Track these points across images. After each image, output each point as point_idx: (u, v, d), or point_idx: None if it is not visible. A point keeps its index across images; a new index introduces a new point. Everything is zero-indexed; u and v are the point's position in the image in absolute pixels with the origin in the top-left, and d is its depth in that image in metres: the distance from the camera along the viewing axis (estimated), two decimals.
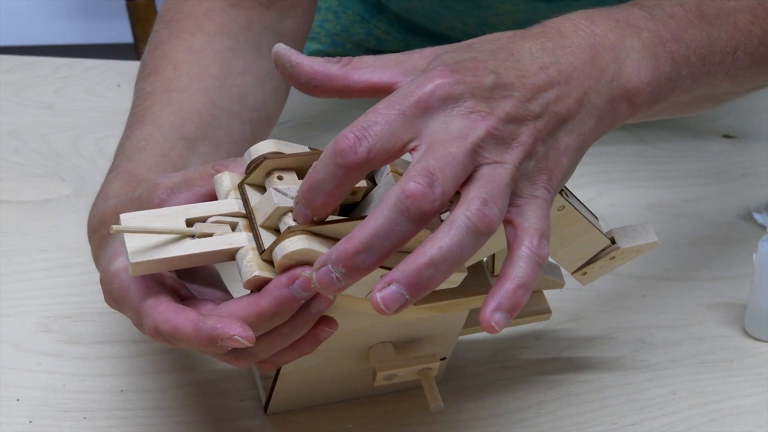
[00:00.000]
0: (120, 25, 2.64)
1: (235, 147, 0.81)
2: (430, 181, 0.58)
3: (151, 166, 0.75)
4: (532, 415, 0.76)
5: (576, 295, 0.86)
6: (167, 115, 0.79)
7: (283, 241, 0.60)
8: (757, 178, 1.00)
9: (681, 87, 0.69)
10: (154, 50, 0.85)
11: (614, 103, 0.65)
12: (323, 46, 1.16)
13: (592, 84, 0.64)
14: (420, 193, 0.57)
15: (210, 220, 0.64)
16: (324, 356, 0.70)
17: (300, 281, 0.60)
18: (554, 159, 0.62)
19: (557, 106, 0.62)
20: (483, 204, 0.58)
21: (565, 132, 0.63)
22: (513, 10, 1.02)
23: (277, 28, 0.89)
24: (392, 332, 0.71)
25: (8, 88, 1.09)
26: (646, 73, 0.66)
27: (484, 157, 0.60)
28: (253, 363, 0.65)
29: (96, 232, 0.72)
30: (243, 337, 0.60)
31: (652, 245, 0.74)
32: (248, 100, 0.84)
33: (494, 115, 0.60)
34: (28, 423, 0.74)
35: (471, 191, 0.59)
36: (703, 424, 0.76)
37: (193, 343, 0.61)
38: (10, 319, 0.82)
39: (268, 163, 0.64)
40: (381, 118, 0.59)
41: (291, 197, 0.62)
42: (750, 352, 0.82)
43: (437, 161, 0.58)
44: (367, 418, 0.75)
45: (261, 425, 0.74)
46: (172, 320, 0.62)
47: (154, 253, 0.62)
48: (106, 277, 0.66)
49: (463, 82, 0.60)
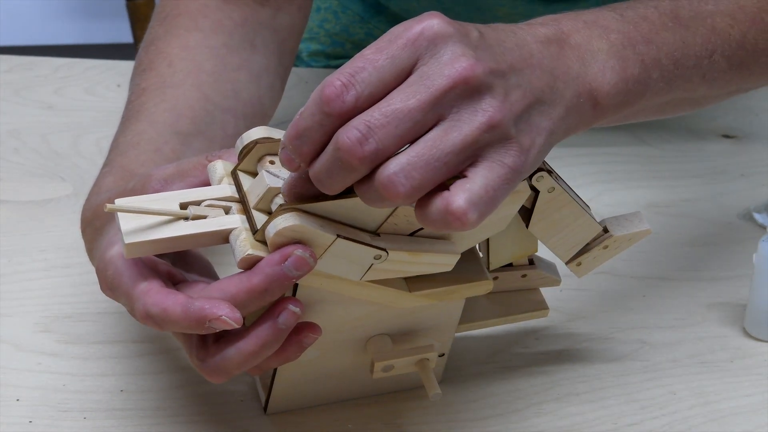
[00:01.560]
0: (120, 25, 2.64)
1: (229, 142, 0.81)
2: (363, 138, 0.56)
3: (145, 161, 0.75)
4: (532, 415, 0.76)
5: (576, 295, 0.86)
6: (161, 111, 0.80)
7: (275, 218, 0.61)
8: (757, 178, 1.00)
9: (652, 90, 0.68)
10: (150, 46, 0.86)
11: (580, 99, 0.64)
12: (323, 46, 1.16)
13: (560, 75, 0.63)
14: (349, 146, 0.56)
15: (204, 204, 0.65)
16: (322, 349, 0.71)
17: (292, 259, 0.61)
18: (527, 134, 0.60)
19: (531, 85, 0.61)
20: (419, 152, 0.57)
21: (538, 112, 0.61)
22: (512, 12, 1.02)
23: (272, 24, 0.89)
24: (389, 324, 0.71)
25: (8, 88, 1.09)
26: (611, 75, 0.65)
27: (453, 106, 0.58)
28: (228, 378, 0.65)
29: (89, 225, 0.73)
30: (230, 318, 0.61)
31: (645, 233, 0.75)
32: (242, 95, 0.85)
33: (481, 63, 0.58)
34: (28, 423, 0.74)
35: (428, 137, 0.57)
36: (703, 424, 0.76)
37: (182, 324, 0.62)
38: (10, 319, 0.82)
39: (260, 147, 0.65)
40: (369, 64, 0.58)
41: (283, 179, 0.63)
42: (750, 352, 0.82)
43: (384, 112, 0.57)
44: (367, 418, 0.75)
45: (261, 425, 0.74)
46: (161, 303, 0.62)
47: (148, 233, 0.63)
48: (101, 265, 0.67)
49: (452, 24, 0.59)
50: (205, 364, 0.65)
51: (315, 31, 1.16)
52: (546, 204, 0.70)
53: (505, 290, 0.77)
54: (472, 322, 0.76)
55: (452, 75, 0.58)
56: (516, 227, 0.72)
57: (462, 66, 0.58)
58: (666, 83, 0.69)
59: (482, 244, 0.74)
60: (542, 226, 0.71)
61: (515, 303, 0.78)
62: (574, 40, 0.65)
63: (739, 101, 1.12)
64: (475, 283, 0.70)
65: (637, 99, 0.68)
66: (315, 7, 1.15)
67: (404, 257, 0.64)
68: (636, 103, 0.68)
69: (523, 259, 0.76)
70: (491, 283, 0.70)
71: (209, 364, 0.65)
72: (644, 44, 0.68)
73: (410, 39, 0.58)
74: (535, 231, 0.72)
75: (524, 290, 0.78)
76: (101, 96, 1.09)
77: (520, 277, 0.77)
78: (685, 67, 0.70)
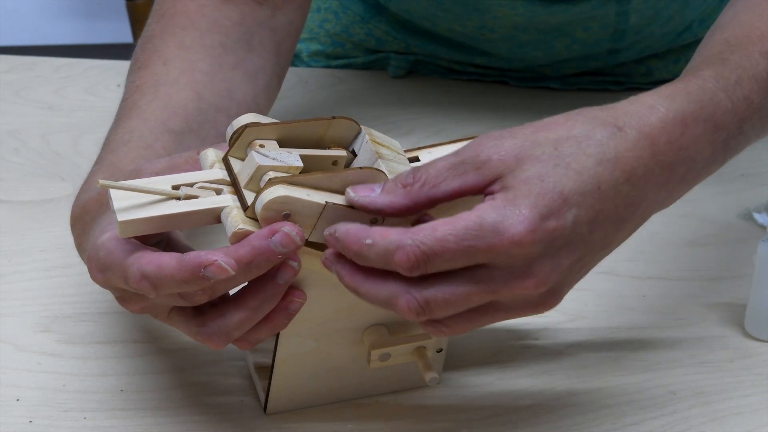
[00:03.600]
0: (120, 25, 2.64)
1: (221, 141, 0.82)
2: (420, 309, 0.61)
3: (135, 158, 0.76)
4: (532, 415, 0.76)
5: (576, 295, 0.85)
6: (154, 108, 0.80)
7: (263, 191, 0.62)
8: (757, 178, 1.00)
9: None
10: (146, 44, 0.86)
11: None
12: (323, 46, 1.16)
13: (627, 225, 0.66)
14: (404, 310, 0.61)
15: (196, 186, 0.66)
16: (318, 339, 0.71)
17: (279, 235, 0.62)
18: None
19: (591, 266, 0.67)
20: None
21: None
22: (511, 13, 1.02)
23: (270, 24, 0.89)
24: (384, 312, 0.71)
25: (8, 88, 1.09)
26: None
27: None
28: (228, 342, 0.66)
29: (79, 220, 0.73)
30: (226, 263, 0.62)
31: None
32: (237, 95, 0.85)
33: (545, 280, 0.62)
34: (28, 423, 0.74)
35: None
36: (703, 424, 0.76)
37: (177, 278, 0.62)
38: (10, 319, 0.82)
39: (250, 131, 0.66)
40: (446, 252, 0.60)
41: (272, 158, 0.64)
42: (750, 352, 0.82)
43: (444, 295, 0.61)
44: (367, 418, 0.75)
45: (261, 425, 0.74)
46: (155, 260, 0.63)
47: (141, 212, 0.64)
48: (92, 252, 0.67)
49: (538, 237, 0.60)
50: (204, 329, 0.66)
51: (315, 32, 1.16)
52: None
53: None
54: None
55: (517, 287, 0.61)
56: None
57: (528, 284, 0.61)
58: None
59: None
60: None
61: None
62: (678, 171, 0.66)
63: None
64: None
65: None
66: (315, 8, 1.15)
67: (400, 219, 0.64)
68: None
69: None
70: None
71: (209, 327, 0.65)
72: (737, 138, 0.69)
73: (493, 247, 0.60)
74: None
75: None
76: (101, 96, 1.09)
77: None
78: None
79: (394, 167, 0.67)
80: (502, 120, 1.07)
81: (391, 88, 1.12)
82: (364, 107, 1.09)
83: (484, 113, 1.08)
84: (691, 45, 1.13)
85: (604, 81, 1.13)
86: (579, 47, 1.07)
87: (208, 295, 0.64)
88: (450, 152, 0.64)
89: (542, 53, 1.08)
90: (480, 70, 1.12)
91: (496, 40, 1.07)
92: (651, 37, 1.08)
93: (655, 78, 1.13)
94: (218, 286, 0.64)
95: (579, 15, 1.02)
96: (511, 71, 1.12)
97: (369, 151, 0.67)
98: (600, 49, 1.08)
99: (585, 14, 1.02)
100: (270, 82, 0.89)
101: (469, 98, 1.11)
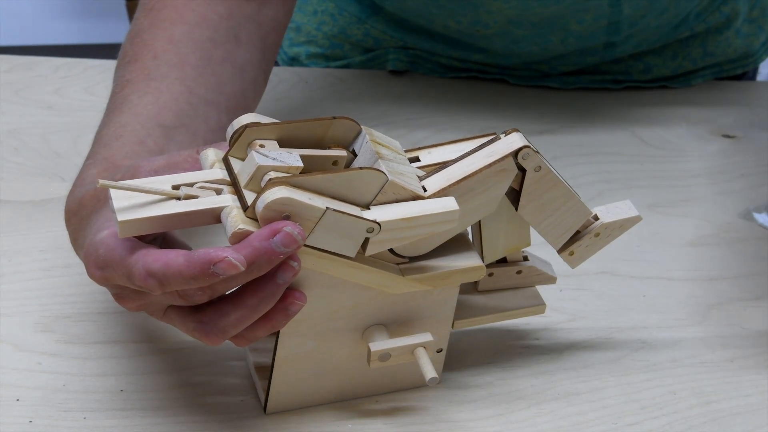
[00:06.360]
0: (120, 25, 2.64)
1: (212, 135, 0.82)
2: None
3: (128, 153, 0.76)
4: (532, 415, 0.76)
5: (576, 295, 0.86)
6: (145, 103, 0.80)
7: (264, 192, 0.62)
8: (757, 178, 1.00)
9: None
10: (135, 38, 0.86)
11: None
12: (322, 48, 1.16)
13: None
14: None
15: (196, 186, 0.66)
16: (318, 339, 0.71)
17: (281, 235, 0.62)
18: None
19: None
20: None
21: None
22: (505, 7, 1.02)
23: (256, 18, 0.89)
24: (384, 313, 0.71)
25: (8, 88, 1.09)
26: None
27: None
28: (224, 339, 0.66)
29: (75, 216, 0.73)
30: (235, 258, 0.62)
31: (636, 220, 0.75)
32: (226, 89, 0.85)
33: None
34: (28, 423, 0.74)
35: None
36: (703, 424, 0.76)
37: (185, 275, 0.62)
38: (10, 319, 0.82)
39: (250, 131, 0.66)
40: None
41: (273, 158, 0.64)
42: (750, 352, 0.82)
43: None
44: (367, 418, 0.75)
45: (261, 425, 0.74)
46: (162, 258, 0.63)
47: (141, 211, 0.64)
48: (90, 249, 0.67)
49: None
50: (202, 326, 0.66)
51: (313, 34, 1.16)
52: (534, 185, 0.70)
53: (501, 288, 0.77)
54: (469, 318, 0.76)
55: None
56: (507, 217, 0.73)
57: None
58: None
59: (475, 237, 0.74)
60: (531, 208, 0.72)
61: (512, 299, 0.78)
62: None
63: (738, 101, 1.12)
64: (467, 268, 0.70)
65: None
66: (312, 11, 1.16)
67: (400, 224, 0.65)
68: None
69: (517, 254, 0.76)
70: (484, 268, 0.71)
71: (207, 324, 0.66)
72: None
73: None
74: (525, 214, 0.72)
75: (520, 288, 0.78)
76: (101, 96, 1.09)
77: (515, 273, 0.77)
78: None
79: (394, 167, 0.67)
80: (502, 119, 1.07)
81: (391, 88, 1.12)
82: (364, 107, 1.09)
83: (483, 112, 1.08)
84: (687, 40, 1.13)
85: (603, 80, 1.13)
86: (574, 41, 1.07)
87: (208, 295, 0.64)
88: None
89: (538, 48, 1.08)
90: (478, 66, 1.12)
91: (491, 35, 1.07)
92: (646, 29, 1.08)
93: (654, 75, 1.13)
94: (219, 286, 0.64)
95: (571, 6, 1.02)
96: (509, 69, 1.12)
97: (369, 151, 0.67)
98: (596, 42, 1.08)
99: (578, 5, 1.02)
100: (257, 76, 0.89)
101: (469, 97, 1.11)
